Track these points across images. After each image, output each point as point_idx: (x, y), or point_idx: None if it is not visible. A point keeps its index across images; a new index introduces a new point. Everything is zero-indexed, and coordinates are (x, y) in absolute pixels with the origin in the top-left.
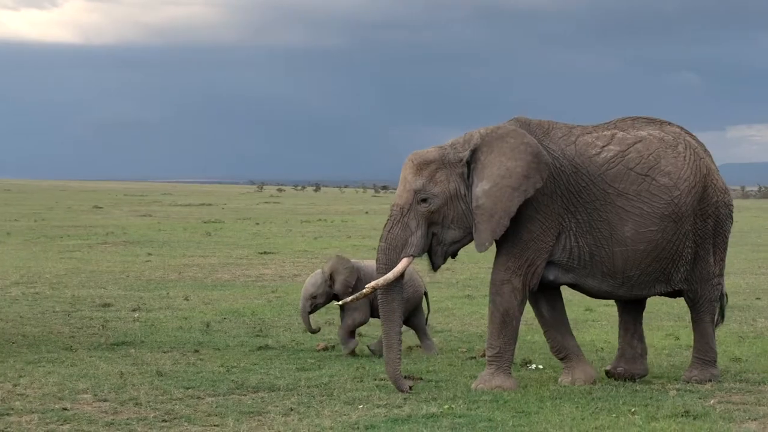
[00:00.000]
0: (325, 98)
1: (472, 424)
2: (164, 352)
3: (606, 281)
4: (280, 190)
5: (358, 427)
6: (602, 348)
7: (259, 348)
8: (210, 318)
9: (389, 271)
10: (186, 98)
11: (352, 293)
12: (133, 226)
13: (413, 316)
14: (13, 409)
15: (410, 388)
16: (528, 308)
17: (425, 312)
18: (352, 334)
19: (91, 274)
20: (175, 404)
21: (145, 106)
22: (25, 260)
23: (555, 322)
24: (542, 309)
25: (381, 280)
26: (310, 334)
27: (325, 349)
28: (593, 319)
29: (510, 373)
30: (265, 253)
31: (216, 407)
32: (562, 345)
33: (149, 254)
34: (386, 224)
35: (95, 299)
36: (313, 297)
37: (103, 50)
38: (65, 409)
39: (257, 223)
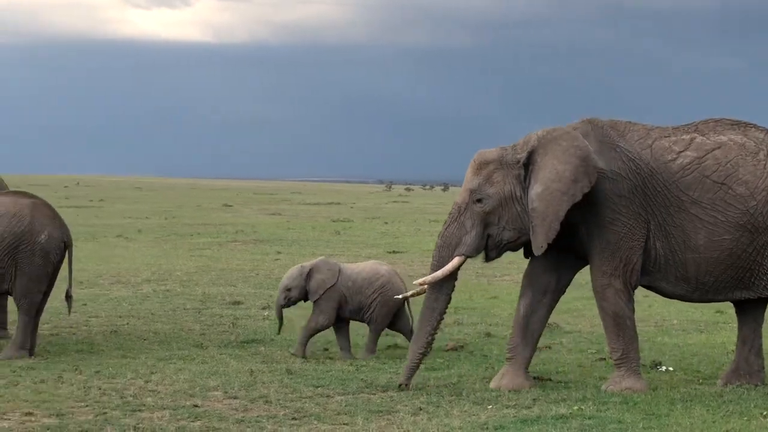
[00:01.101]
0: (452, 97)
1: (602, 426)
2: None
3: (680, 285)
4: (408, 189)
5: (487, 428)
6: (732, 350)
7: (388, 347)
8: None
9: (439, 269)
10: (315, 97)
11: (326, 297)
12: (262, 225)
13: (398, 320)
14: (144, 405)
15: (406, 386)
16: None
17: (410, 317)
18: (311, 337)
19: (221, 272)
20: (305, 402)
21: (275, 105)
22: (156, 258)
23: (525, 325)
24: (521, 306)
25: (429, 277)
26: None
27: (455, 349)
28: (723, 321)
29: (640, 375)
30: (393, 252)
31: (345, 406)
32: (516, 347)
33: (278, 252)
34: (445, 221)
35: (225, 297)
36: (288, 290)
37: (234, 49)
38: (196, 405)
39: (386, 223)
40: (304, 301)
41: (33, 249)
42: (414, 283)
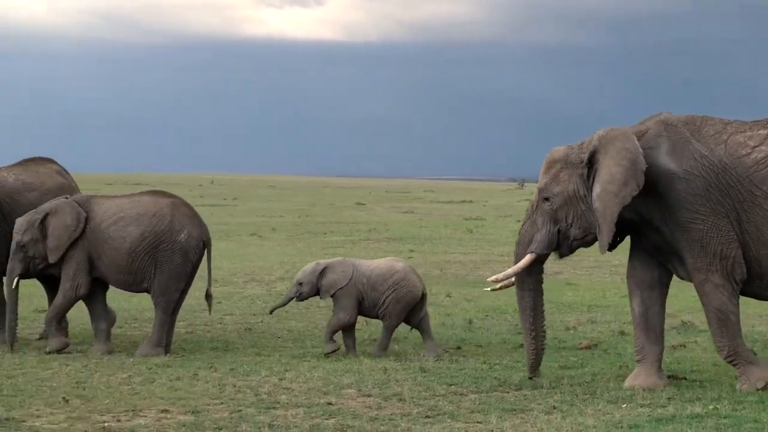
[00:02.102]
0: (581, 95)
1: (738, 425)
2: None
3: (754, 283)
4: None
5: (621, 426)
6: None
7: (521, 345)
8: (472, 315)
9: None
10: (445, 95)
11: (344, 294)
12: (395, 223)
13: (412, 316)
14: (279, 402)
15: (534, 377)
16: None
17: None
18: (337, 333)
19: None
20: (438, 400)
21: (405, 103)
22: (290, 256)
23: (645, 323)
24: (634, 306)
25: (501, 275)
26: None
27: (588, 347)
28: None
29: (758, 362)
30: None
31: (479, 404)
32: (643, 347)
33: (411, 250)
34: (524, 219)
35: None
36: (300, 284)
37: (364, 48)
38: (330, 403)
39: (518, 221)
40: (320, 298)
41: (173, 248)
42: (488, 279)
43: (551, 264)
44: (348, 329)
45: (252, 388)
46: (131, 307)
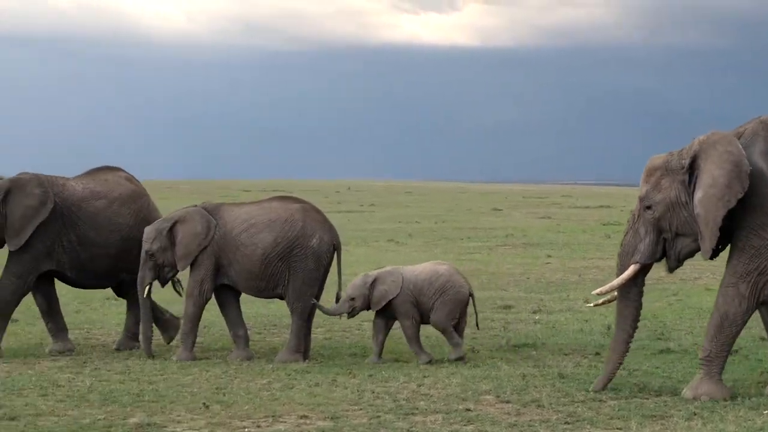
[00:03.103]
0: (717, 99)
1: None
2: (565, 355)
3: None
4: None
5: None
6: None
7: (661, 351)
8: (611, 321)
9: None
10: (578, 99)
11: (399, 302)
12: (532, 228)
13: (445, 316)
14: (417, 408)
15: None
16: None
17: (475, 314)
18: (419, 343)
19: (492, 275)
20: (578, 407)
21: (539, 108)
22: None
23: None
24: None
25: (606, 287)
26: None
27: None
28: None
29: (720, 380)
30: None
31: (618, 410)
32: None
33: (549, 256)
34: (624, 230)
35: (496, 301)
36: (352, 299)
37: (499, 53)
38: (468, 409)
39: None
40: (371, 309)
41: (306, 253)
42: (593, 293)
43: (690, 269)
44: (381, 333)
45: (391, 394)
46: (270, 314)
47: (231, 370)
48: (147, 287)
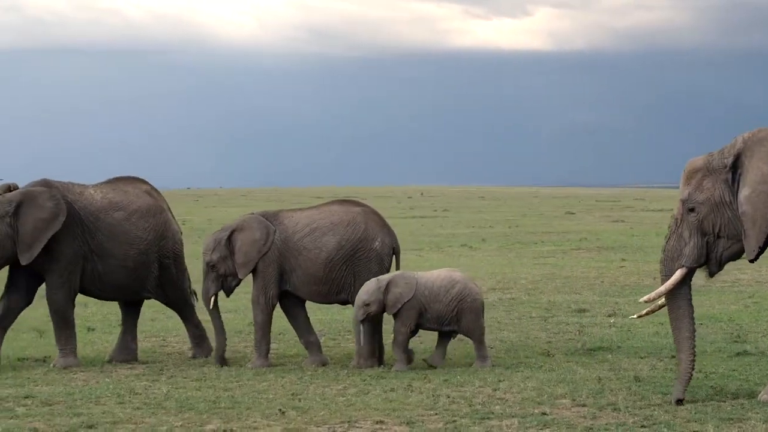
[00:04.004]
0: None
1: None
2: (641, 358)
3: None
4: None
5: None
6: None
7: (738, 354)
8: None
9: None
10: (652, 103)
11: (404, 309)
12: (605, 232)
13: (474, 324)
14: (493, 413)
15: (682, 402)
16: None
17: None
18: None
19: (566, 279)
20: (654, 410)
21: (612, 111)
22: (501, 266)
23: None
24: None
25: (653, 294)
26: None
27: None
28: None
29: None
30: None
31: (695, 413)
32: None
33: (623, 260)
34: (666, 235)
35: (571, 305)
36: (366, 305)
37: (571, 56)
38: (544, 413)
39: None
40: (387, 313)
41: (369, 256)
42: (640, 301)
43: (759, 272)
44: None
45: (466, 399)
46: (344, 319)
47: (306, 376)
48: (212, 298)
